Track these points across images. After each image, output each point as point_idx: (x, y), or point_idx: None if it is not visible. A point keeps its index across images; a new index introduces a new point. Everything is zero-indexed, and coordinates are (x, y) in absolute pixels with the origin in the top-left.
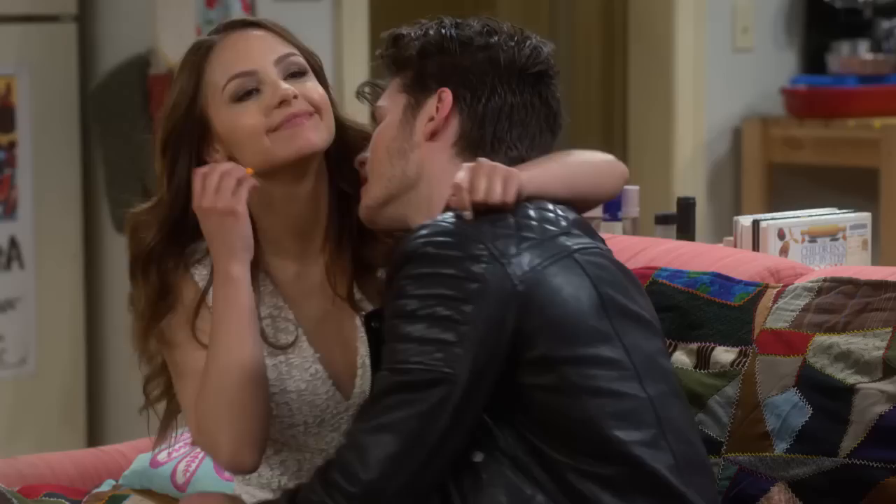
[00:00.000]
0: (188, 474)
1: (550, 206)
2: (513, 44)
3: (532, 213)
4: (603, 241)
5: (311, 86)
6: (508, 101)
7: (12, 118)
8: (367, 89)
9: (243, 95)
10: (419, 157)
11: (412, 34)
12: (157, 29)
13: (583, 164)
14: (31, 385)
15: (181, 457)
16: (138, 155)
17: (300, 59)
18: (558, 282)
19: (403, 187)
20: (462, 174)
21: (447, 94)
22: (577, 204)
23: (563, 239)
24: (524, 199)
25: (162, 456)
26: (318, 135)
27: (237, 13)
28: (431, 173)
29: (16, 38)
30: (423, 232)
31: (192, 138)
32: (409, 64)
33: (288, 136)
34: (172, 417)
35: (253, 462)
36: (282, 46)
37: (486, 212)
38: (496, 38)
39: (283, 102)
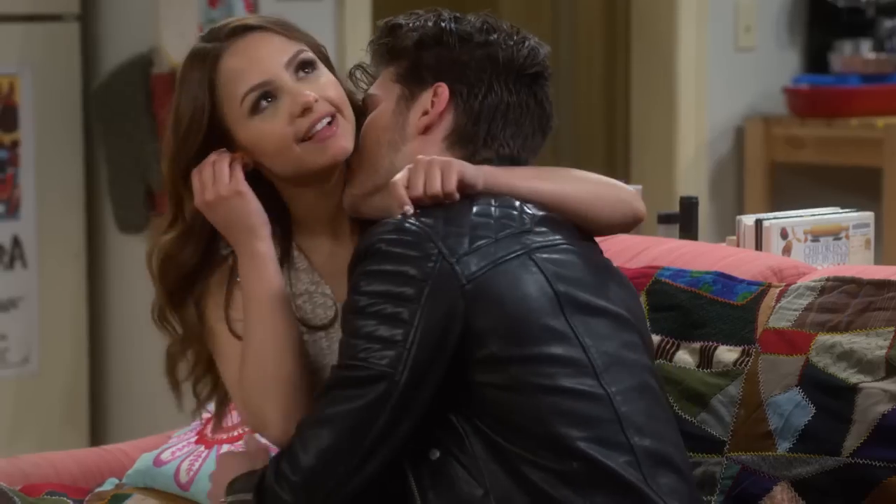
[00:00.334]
0: (191, 473)
1: (516, 203)
2: (512, 43)
3: (493, 209)
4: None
5: (325, 80)
6: (504, 100)
7: (15, 117)
8: (358, 73)
9: (262, 105)
10: (410, 150)
11: (410, 24)
12: (160, 28)
13: (578, 182)
14: (33, 384)
15: (184, 456)
16: (141, 154)
17: (309, 54)
18: (509, 281)
19: (391, 179)
20: (399, 174)
21: (443, 89)
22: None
23: (521, 237)
24: (489, 195)
25: (165, 455)
26: (348, 139)
27: (240, 12)
28: None
29: (18, 37)
30: (379, 229)
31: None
32: (405, 54)
33: (321, 147)
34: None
35: None
36: (289, 45)
37: (445, 207)
38: (496, 36)
39: (306, 110)
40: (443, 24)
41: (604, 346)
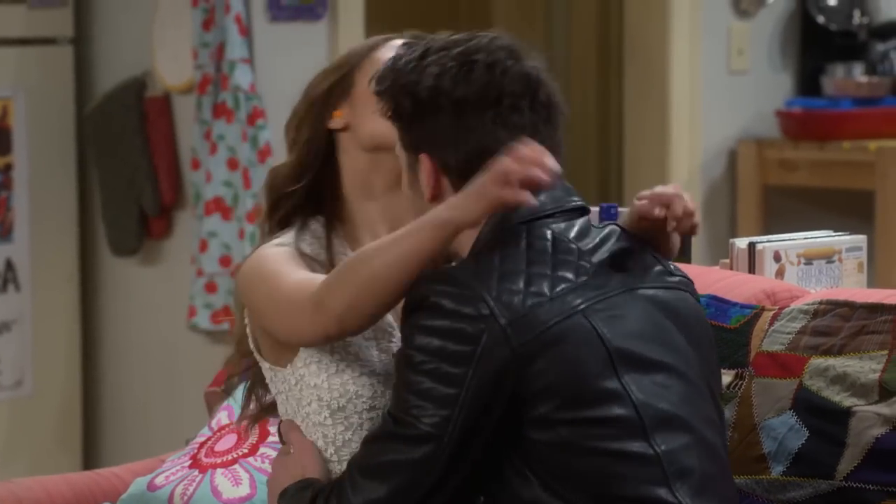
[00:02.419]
0: (186, 498)
1: (573, 247)
2: (486, 79)
3: (549, 257)
4: (664, 266)
5: None
6: (482, 144)
7: (9, 140)
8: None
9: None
10: None
11: (393, 84)
12: (154, 51)
13: None
14: (26, 407)
15: (178, 480)
16: (135, 177)
17: None
18: (562, 344)
19: None
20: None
21: (426, 160)
22: None
23: (574, 296)
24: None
25: (159, 479)
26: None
27: (233, 35)
28: None
29: (12, 60)
30: (432, 277)
31: (336, 101)
32: (394, 121)
33: (387, 169)
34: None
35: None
36: None
37: (499, 251)
38: (463, 88)
39: None
40: (411, 90)
41: (658, 403)
